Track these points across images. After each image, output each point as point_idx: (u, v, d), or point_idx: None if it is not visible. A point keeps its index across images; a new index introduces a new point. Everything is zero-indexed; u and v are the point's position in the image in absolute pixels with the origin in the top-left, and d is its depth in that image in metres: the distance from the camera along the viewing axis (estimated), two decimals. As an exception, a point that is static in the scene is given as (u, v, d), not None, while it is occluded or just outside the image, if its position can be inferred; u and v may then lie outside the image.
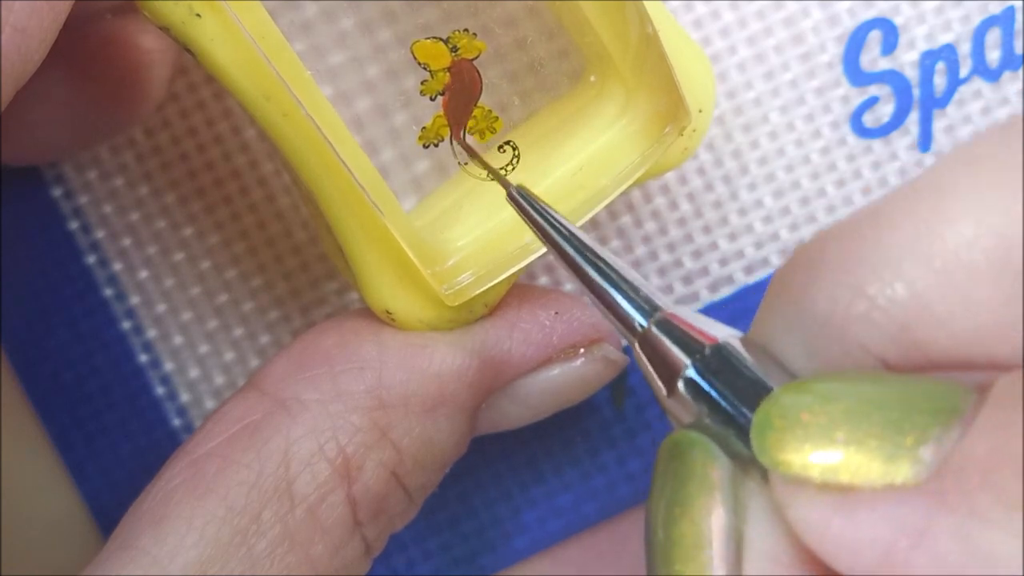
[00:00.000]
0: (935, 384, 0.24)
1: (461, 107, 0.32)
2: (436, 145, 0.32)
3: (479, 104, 0.32)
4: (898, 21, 0.38)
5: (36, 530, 0.40)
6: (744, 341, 0.26)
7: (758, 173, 0.38)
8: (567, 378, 0.33)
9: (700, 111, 0.33)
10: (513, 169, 0.32)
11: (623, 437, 0.39)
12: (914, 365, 0.25)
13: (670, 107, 0.32)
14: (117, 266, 0.39)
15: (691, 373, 0.26)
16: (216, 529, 0.29)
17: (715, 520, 0.24)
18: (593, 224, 0.38)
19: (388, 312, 0.32)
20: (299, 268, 0.39)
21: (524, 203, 0.29)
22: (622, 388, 0.38)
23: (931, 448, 0.23)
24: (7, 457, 0.39)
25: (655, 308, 0.27)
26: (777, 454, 0.24)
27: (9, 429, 0.39)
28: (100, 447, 0.39)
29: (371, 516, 0.32)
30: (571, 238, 0.29)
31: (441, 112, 0.32)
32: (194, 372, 0.39)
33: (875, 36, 0.38)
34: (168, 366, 0.39)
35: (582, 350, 0.33)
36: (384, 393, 0.31)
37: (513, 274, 0.32)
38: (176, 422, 0.39)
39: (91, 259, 0.39)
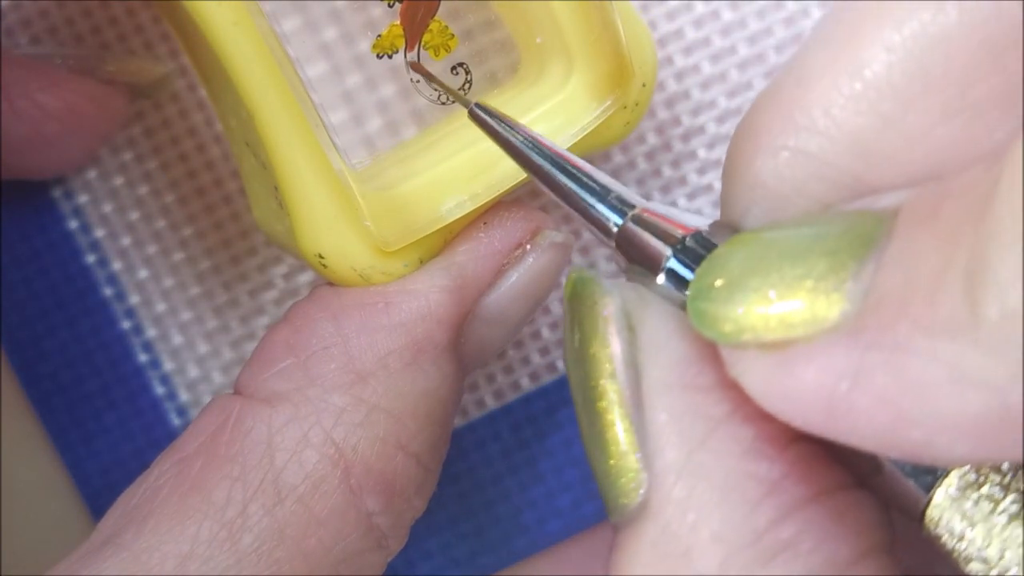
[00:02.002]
0: (853, 216, 0.24)
1: (418, 18, 0.31)
2: (390, 56, 0.32)
3: (435, 19, 0.32)
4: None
5: (36, 530, 0.40)
6: (717, 226, 0.27)
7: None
8: (527, 278, 0.33)
9: (644, 85, 0.33)
10: (465, 94, 0.32)
11: (623, 437, 0.39)
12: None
13: (615, 76, 0.32)
14: (117, 266, 0.39)
15: (671, 263, 0.26)
16: (198, 525, 0.29)
17: (612, 351, 0.25)
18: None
19: (320, 257, 0.31)
20: (299, 267, 0.39)
21: (485, 118, 0.29)
22: None
23: (851, 286, 0.23)
24: (7, 457, 0.39)
25: (629, 206, 0.27)
26: (715, 327, 0.24)
27: (9, 429, 0.39)
28: (100, 447, 0.39)
29: (382, 501, 0.31)
30: (536, 147, 0.28)
31: (397, 22, 0.32)
32: (193, 372, 0.39)
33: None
34: (167, 366, 0.39)
35: (528, 246, 0.33)
36: (357, 364, 0.31)
37: (447, 228, 0.32)
38: (176, 422, 0.39)
39: (91, 259, 0.39)
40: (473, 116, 0.29)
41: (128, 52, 0.38)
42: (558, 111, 0.32)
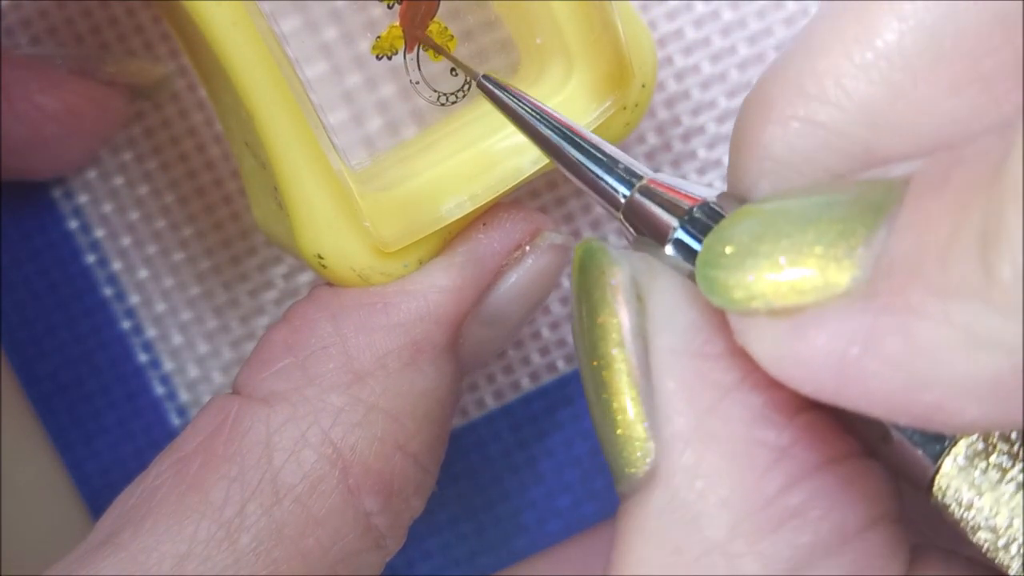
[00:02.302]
0: (864, 185, 0.24)
1: (418, 18, 0.31)
2: (389, 58, 0.32)
3: (435, 20, 0.32)
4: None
5: (36, 530, 0.40)
6: (724, 197, 0.27)
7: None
8: (526, 279, 0.33)
9: (643, 86, 0.33)
10: (464, 96, 0.32)
11: (623, 437, 0.39)
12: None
13: (614, 77, 0.32)
14: (117, 265, 0.39)
15: (679, 234, 0.26)
16: (195, 525, 0.29)
17: (620, 320, 0.25)
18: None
19: (320, 257, 0.31)
20: (299, 267, 0.39)
21: (493, 89, 0.29)
22: None
23: (862, 252, 0.23)
24: (7, 457, 0.39)
25: (637, 177, 0.27)
26: (725, 294, 0.24)
27: (9, 429, 0.39)
28: (100, 447, 0.39)
29: (380, 501, 0.30)
30: (544, 119, 0.28)
31: (397, 23, 0.32)
32: (193, 372, 0.39)
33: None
34: (167, 366, 0.39)
35: (527, 248, 0.32)
36: (356, 364, 0.31)
37: (446, 229, 0.32)
38: (176, 422, 0.39)
39: (91, 258, 0.39)
40: (481, 87, 0.29)
41: (128, 52, 0.38)
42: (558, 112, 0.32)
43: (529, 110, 0.29)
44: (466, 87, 0.32)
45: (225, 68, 0.30)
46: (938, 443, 0.24)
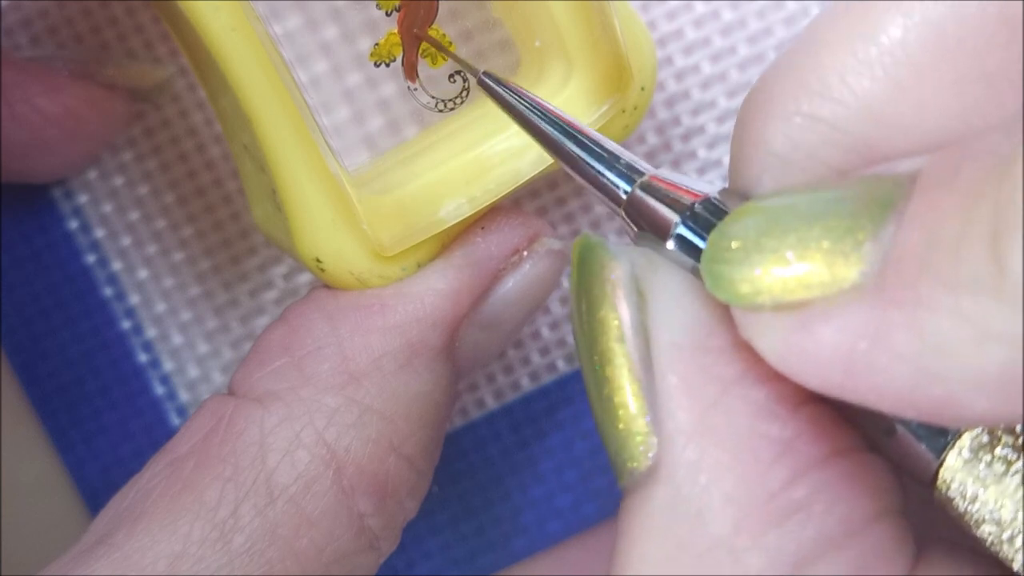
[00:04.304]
0: (870, 181, 0.24)
1: (416, 26, 0.31)
2: (388, 64, 0.32)
3: (434, 26, 0.32)
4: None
5: (36, 530, 0.40)
6: (726, 193, 0.27)
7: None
8: (523, 284, 0.33)
9: (643, 89, 0.33)
10: (463, 102, 0.32)
11: (623, 437, 0.39)
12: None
13: (613, 79, 0.32)
14: (117, 266, 0.39)
15: (681, 230, 0.26)
16: (189, 525, 0.29)
17: (620, 314, 0.25)
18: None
19: (318, 261, 0.31)
20: (298, 268, 0.39)
21: (494, 86, 0.29)
22: None
23: (870, 247, 0.23)
24: (7, 457, 0.39)
25: (638, 173, 0.27)
26: (731, 290, 0.24)
27: (9, 429, 0.39)
28: (100, 447, 0.39)
29: (374, 502, 0.31)
30: (545, 115, 0.28)
31: (395, 30, 0.31)
32: (193, 372, 0.39)
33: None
34: (167, 366, 0.39)
35: (524, 252, 0.32)
36: (351, 365, 0.31)
37: (445, 232, 0.32)
38: (176, 422, 0.39)
39: (91, 259, 0.39)
40: (482, 84, 0.29)
41: (128, 52, 0.38)
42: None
43: (530, 106, 0.29)
44: (464, 93, 0.32)
45: (223, 72, 0.30)
46: (942, 437, 0.24)
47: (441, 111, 0.32)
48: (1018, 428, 0.24)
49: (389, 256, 0.31)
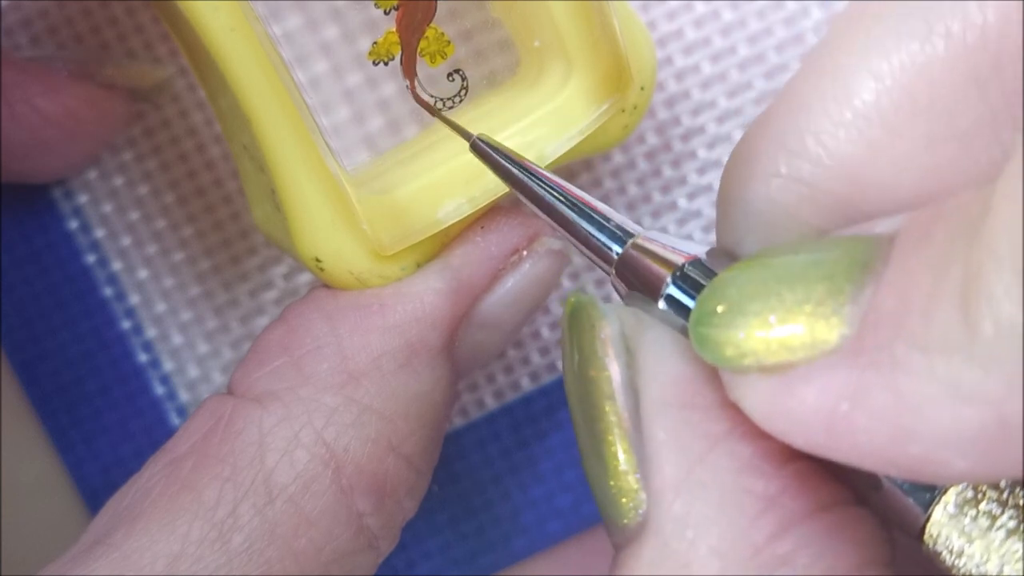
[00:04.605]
0: (849, 242, 0.24)
1: (414, 24, 0.31)
2: (386, 63, 0.32)
3: (432, 25, 0.32)
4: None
5: (36, 530, 0.40)
6: (714, 253, 0.27)
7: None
8: (523, 284, 0.33)
9: (642, 88, 0.33)
10: (461, 101, 0.32)
11: (623, 437, 0.39)
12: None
13: (613, 79, 0.32)
14: (117, 266, 0.39)
15: (671, 290, 0.27)
16: (188, 525, 0.29)
17: (610, 373, 0.26)
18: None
19: (318, 260, 0.31)
20: (298, 267, 0.39)
21: (487, 149, 0.30)
22: None
23: (850, 309, 0.23)
24: (7, 457, 0.40)
25: (628, 234, 0.28)
26: (717, 352, 0.24)
27: (9, 429, 0.39)
28: (100, 447, 0.39)
29: (373, 502, 0.31)
30: (536, 178, 0.29)
31: (393, 29, 0.31)
32: (193, 372, 0.39)
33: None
34: (168, 366, 0.39)
35: (524, 252, 0.33)
36: (351, 365, 0.31)
37: (444, 232, 0.32)
38: (176, 422, 0.39)
39: (91, 259, 0.39)
40: (475, 149, 0.30)
41: (128, 52, 0.38)
42: (556, 114, 0.32)
43: (523, 171, 0.29)
44: (462, 92, 0.32)
45: (223, 72, 0.30)
46: (928, 491, 0.25)
47: (440, 109, 0.32)
48: (1002, 483, 0.24)
49: (388, 256, 0.31)
